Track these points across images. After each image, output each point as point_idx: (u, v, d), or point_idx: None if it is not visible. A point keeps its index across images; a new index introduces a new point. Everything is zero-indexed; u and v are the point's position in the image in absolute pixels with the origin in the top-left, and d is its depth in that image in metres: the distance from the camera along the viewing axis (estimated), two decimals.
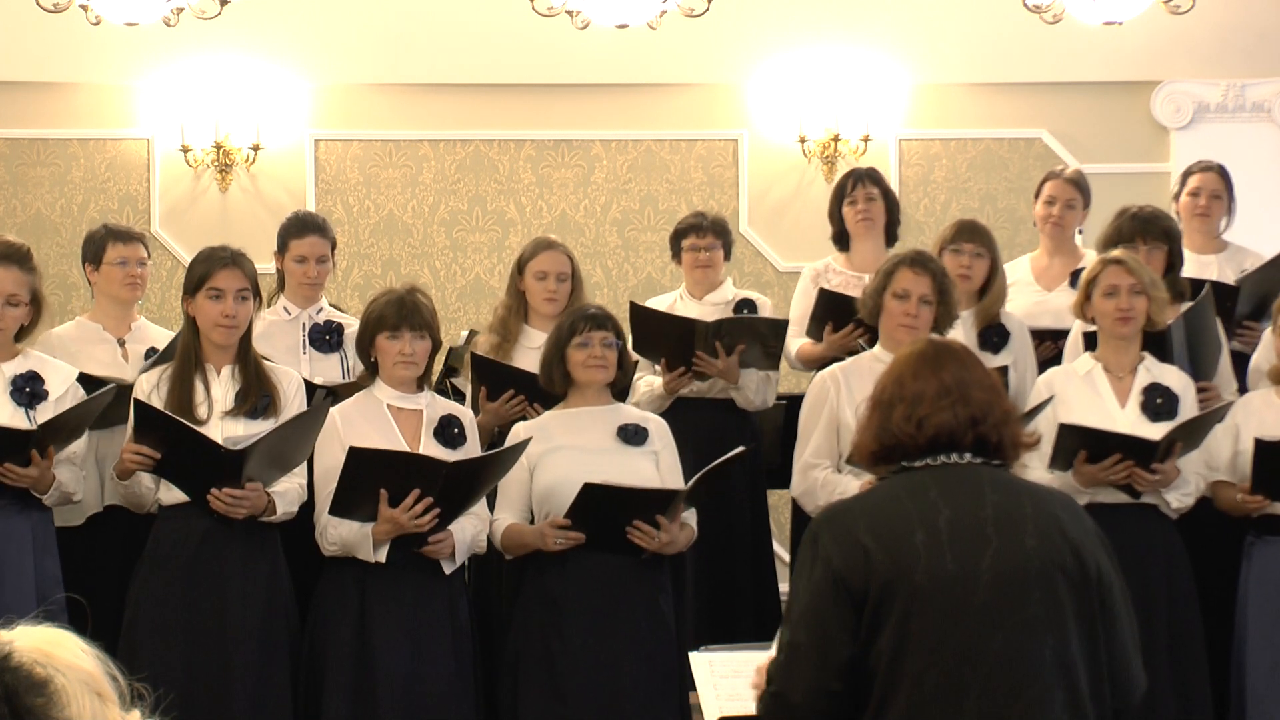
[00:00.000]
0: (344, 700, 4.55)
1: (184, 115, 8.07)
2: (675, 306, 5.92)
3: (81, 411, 4.64)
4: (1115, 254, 5.12)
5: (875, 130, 8.22)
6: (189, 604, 4.55)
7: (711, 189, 8.32)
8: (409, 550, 4.56)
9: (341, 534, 4.57)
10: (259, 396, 4.66)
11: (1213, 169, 6.19)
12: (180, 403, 4.60)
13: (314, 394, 4.93)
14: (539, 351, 5.14)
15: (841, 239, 6.04)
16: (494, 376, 5.23)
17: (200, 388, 4.65)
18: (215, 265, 4.70)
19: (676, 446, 4.88)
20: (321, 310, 5.48)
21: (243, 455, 4.44)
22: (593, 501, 4.54)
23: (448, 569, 4.63)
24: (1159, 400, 4.96)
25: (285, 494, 4.65)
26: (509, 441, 4.75)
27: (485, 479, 4.63)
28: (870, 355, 5.00)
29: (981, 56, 8.22)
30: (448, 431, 4.74)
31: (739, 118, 8.33)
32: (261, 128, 8.11)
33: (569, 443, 4.74)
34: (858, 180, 6.00)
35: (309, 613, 4.71)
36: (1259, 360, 5.44)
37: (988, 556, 2.77)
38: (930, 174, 8.42)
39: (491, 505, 4.81)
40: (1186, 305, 5.49)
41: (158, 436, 4.50)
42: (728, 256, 5.98)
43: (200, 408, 4.62)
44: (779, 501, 5.90)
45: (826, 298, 5.68)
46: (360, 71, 8.22)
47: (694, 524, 4.79)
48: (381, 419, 4.71)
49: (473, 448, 4.75)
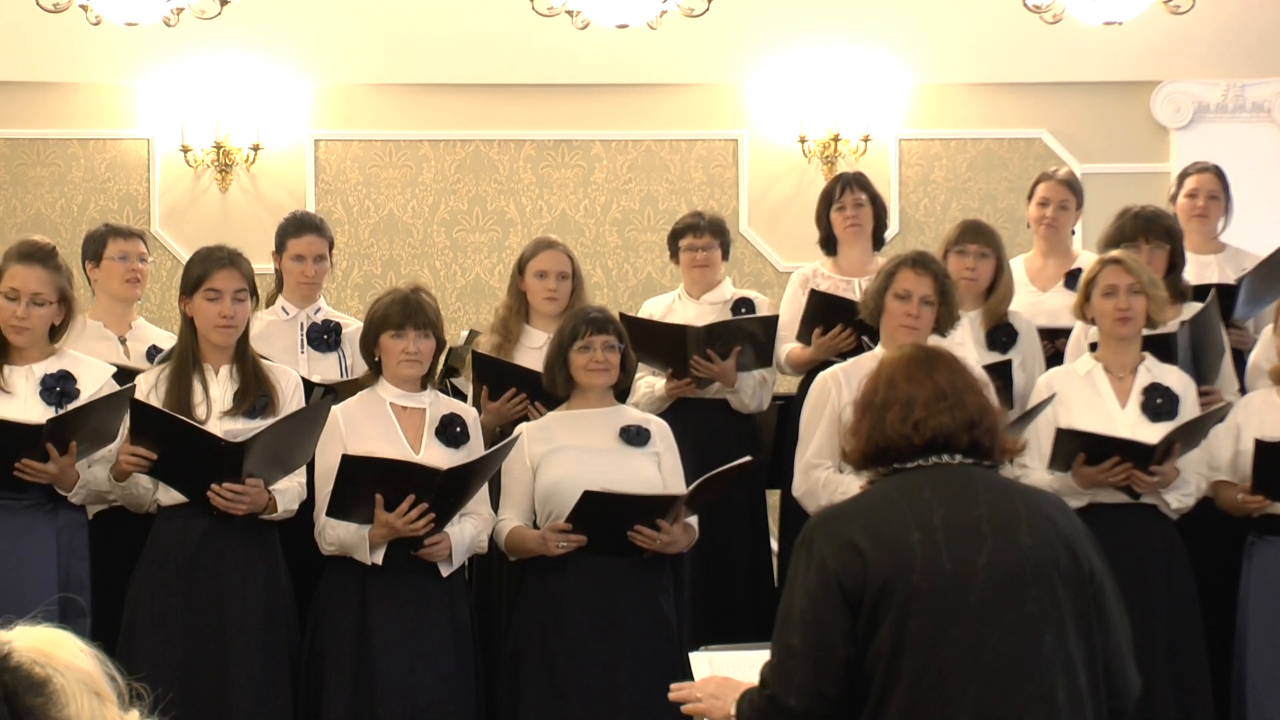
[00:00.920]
0: (344, 700, 4.55)
1: (184, 115, 8.07)
2: (674, 306, 5.93)
3: (102, 409, 4.61)
4: (1114, 254, 5.12)
5: (875, 130, 8.22)
6: (188, 604, 4.55)
7: (711, 189, 8.32)
8: (408, 551, 4.57)
9: (339, 535, 4.57)
10: (257, 396, 4.66)
11: (1209, 170, 6.19)
12: (178, 403, 4.60)
13: (313, 392, 4.92)
14: (540, 351, 5.15)
15: (829, 243, 6.03)
16: (496, 375, 5.24)
17: (198, 388, 4.65)
18: (212, 265, 4.69)
19: (678, 447, 4.88)
20: (320, 310, 5.48)
21: (242, 448, 4.44)
22: (592, 508, 4.55)
23: (445, 571, 4.63)
24: (1159, 400, 4.96)
25: (285, 492, 4.64)
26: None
27: (477, 480, 4.63)
28: (871, 356, 4.99)
29: (981, 56, 8.22)
30: (450, 430, 4.74)
31: (739, 118, 8.33)
32: (261, 128, 8.11)
33: (572, 443, 4.75)
34: (846, 186, 5.98)
35: (309, 612, 4.71)
36: (1258, 359, 5.44)
37: (984, 554, 2.77)
38: (930, 174, 8.42)
39: (495, 505, 4.81)
40: (1188, 306, 5.50)
41: (154, 437, 4.49)
42: (725, 256, 5.98)
43: (199, 408, 4.61)
44: (772, 501, 5.91)
45: (817, 299, 5.67)
46: (360, 71, 8.22)
47: (695, 523, 4.80)
48: (384, 418, 4.71)
49: (476, 447, 4.75)
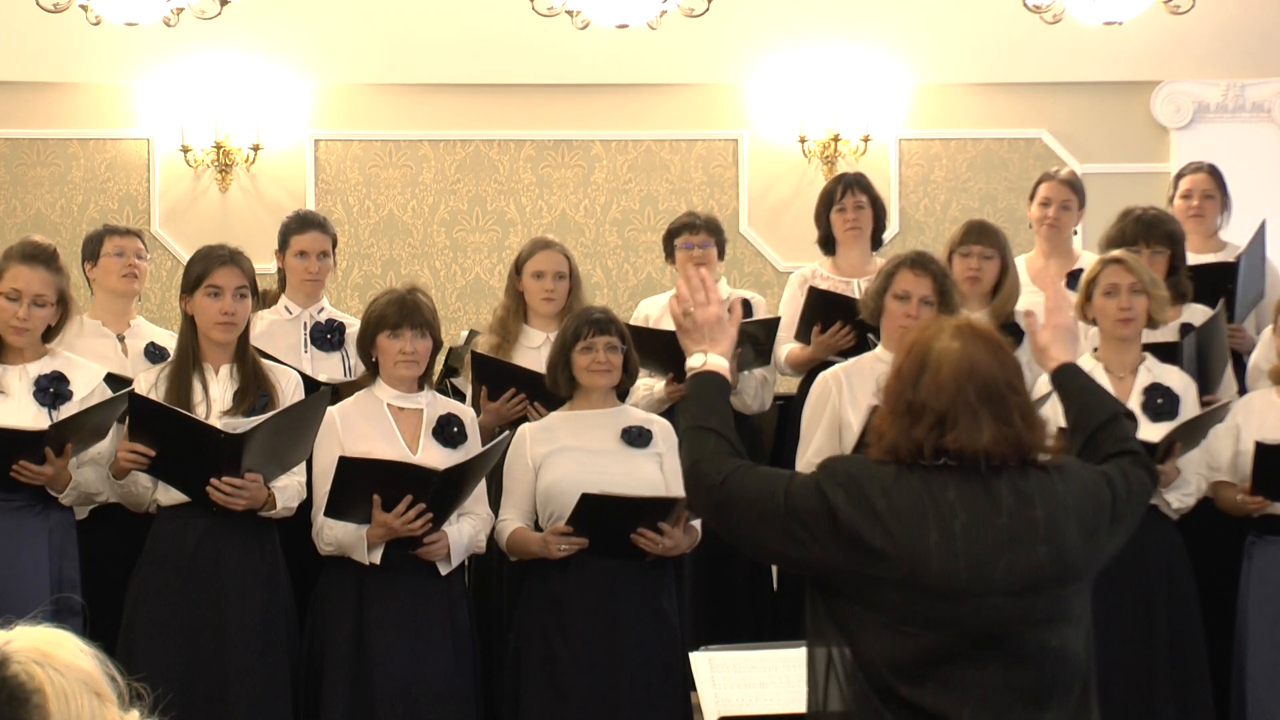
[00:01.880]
0: (343, 700, 4.55)
1: (184, 115, 8.07)
2: (673, 306, 5.91)
3: (100, 412, 4.63)
4: (1115, 254, 5.12)
5: (875, 130, 8.22)
6: (187, 604, 4.54)
7: (711, 189, 8.32)
8: (406, 550, 4.57)
9: (337, 534, 4.57)
10: (257, 395, 4.66)
11: (1203, 169, 6.19)
12: (178, 401, 4.60)
13: (315, 390, 4.92)
14: (539, 351, 5.14)
15: (828, 243, 6.03)
16: (495, 375, 5.23)
17: (198, 386, 4.65)
18: (214, 263, 4.69)
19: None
20: (323, 309, 5.48)
21: (242, 440, 4.43)
22: (592, 510, 4.55)
23: (443, 570, 4.63)
24: (1160, 400, 4.96)
25: (285, 490, 4.64)
26: (514, 441, 4.75)
27: (473, 479, 4.63)
28: (872, 356, 5.00)
29: (982, 56, 8.22)
30: (447, 431, 4.74)
31: (739, 118, 8.33)
32: (261, 128, 8.11)
33: (573, 444, 4.74)
34: (847, 188, 5.96)
35: (308, 612, 4.71)
36: (1258, 359, 5.44)
37: (1000, 567, 2.74)
38: (930, 174, 8.42)
39: (496, 506, 4.81)
40: (1188, 307, 5.51)
41: (153, 433, 4.49)
42: (721, 256, 5.97)
43: (198, 407, 4.61)
44: None
45: (816, 296, 5.67)
46: (360, 71, 8.22)
47: (698, 525, 4.79)
48: (381, 419, 4.71)
49: (473, 447, 4.74)
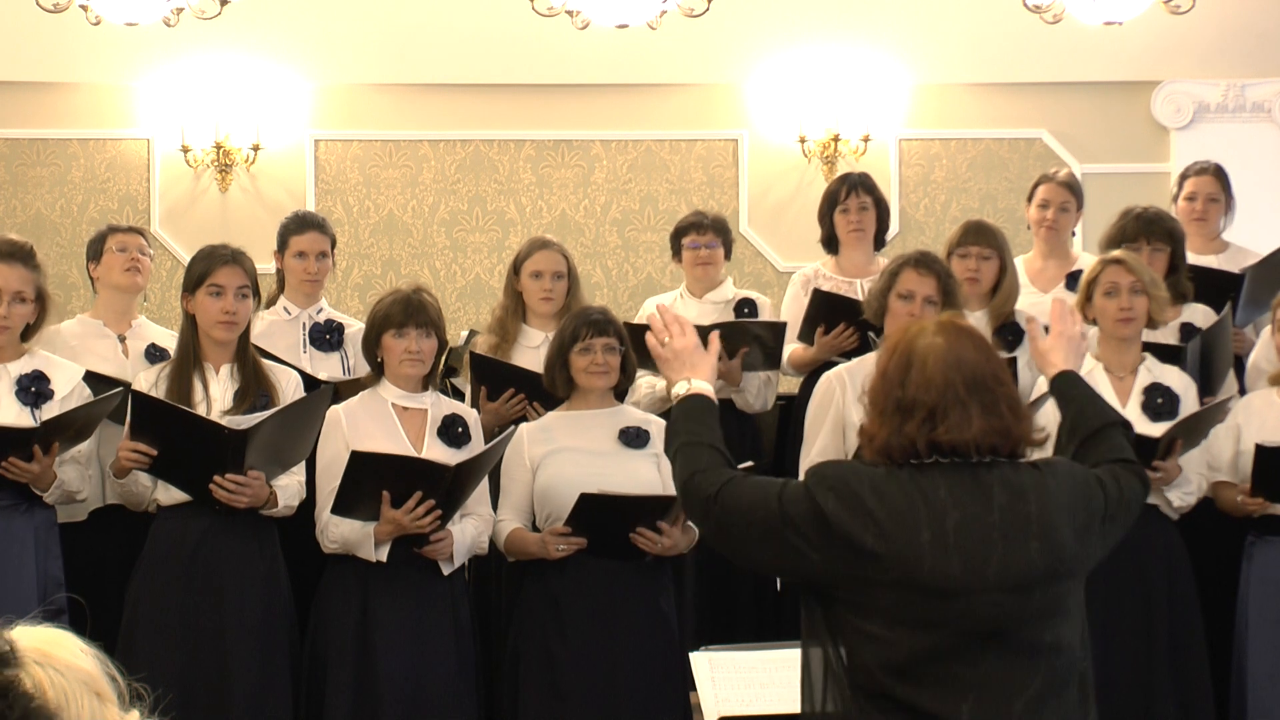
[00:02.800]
0: (345, 700, 4.55)
1: (184, 115, 8.07)
2: (675, 306, 5.92)
3: (89, 411, 4.64)
4: (1115, 254, 5.12)
5: (875, 130, 8.22)
6: (188, 603, 4.55)
7: (711, 189, 8.32)
8: (410, 550, 4.57)
9: (343, 532, 4.57)
10: (257, 395, 4.66)
11: (1208, 171, 6.18)
12: (179, 400, 4.61)
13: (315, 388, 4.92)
14: (538, 351, 5.14)
15: (831, 243, 6.03)
16: (494, 375, 5.23)
17: (199, 386, 4.66)
18: (216, 262, 4.70)
19: None
20: (322, 310, 5.49)
21: (246, 435, 4.44)
22: (590, 510, 4.55)
23: (446, 570, 4.63)
24: (1159, 400, 4.96)
25: (286, 488, 4.65)
26: (512, 441, 4.75)
27: (478, 476, 4.64)
28: (875, 356, 4.99)
29: (982, 56, 8.22)
30: (452, 431, 4.74)
31: (739, 118, 8.33)
32: (261, 128, 8.11)
33: (571, 444, 4.74)
34: (851, 189, 5.96)
35: (310, 612, 4.71)
36: (1257, 359, 5.44)
37: (993, 564, 2.74)
38: (930, 174, 8.42)
39: (495, 506, 4.81)
40: (1188, 307, 5.50)
41: (155, 432, 4.50)
42: (728, 256, 5.99)
43: (199, 406, 4.62)
44: None
45: (820, 298, 5.67)
46: (360, 71, 8.22)
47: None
48: (386, 418, 4.71)
49: (477, 447, 4.74)
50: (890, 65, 8.23)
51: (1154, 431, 4.85)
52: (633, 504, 4.59)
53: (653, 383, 5.64)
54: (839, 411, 4.85)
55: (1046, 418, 4.89)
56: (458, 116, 8.31)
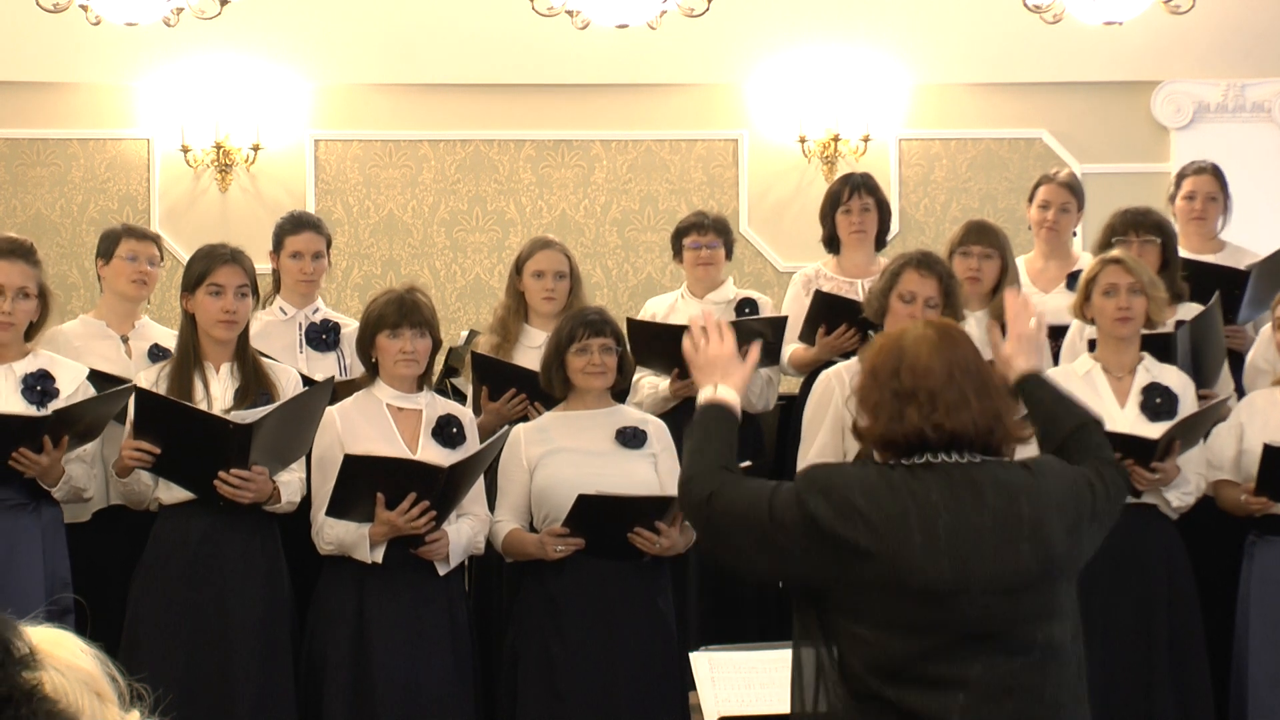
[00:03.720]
0: (344, 701, 4.55)
1: (184, 115, 8.07)
2: (676, 306, 5.93)
3: (99, 405, 4.63)
4: (1114, 254, 5.12)
5: (875, 130, 8.22)
6: (189, 604, 4.55)
7: (711, 189, 8.32)
8: (405, 551, 4.57)
9: (338, 533, 4.57)
10: (257, 394, 4.67)
11: (1206, 170, 6.17)
12: (180, 399, 4.60)
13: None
14: (539, 351, 5.14)
15: (832, 243, 6.03)
16: (495, 375, 5.23)
17: (199, 385, 4.66)
18: (216, 262, 4.70)
19: (676, 448, 4.87)
20: (318, 310, 5.48)
21: (251, 429, 4.44)
22: (588, 511, 4.55)
23: (442, 570, 4.63)
24: (1158, 400, 4.96)
25: (288, 484, 4.66)
26: (509, 442, 4.75)
27: (473, 476, 4.64)
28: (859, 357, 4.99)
29: (982, 56, 8.23)
30: (447, 431, 4.74)
31: (739, 118, 8.33)
32: (261, 128, 8.12)
33: (568, 445, 4.74)
34: (854, 190, 5.96)
35: (308, 613, 4.71)
36: (1255, 358, 5.44)
37: (985, 566, 2.75)
38: (930, 174, 8.42)
39: (492, 506, 4.81)
40: (1184, 305, 5.50)
41: (159, 430, 4.50)
42: (729, 256, 5.99)
43: (199, 404, 4.62)
44: None
45: (822, 299, 5.67)
46: (360, 71, 8.22)
47: None
48: (381, 419, 4.71)
49: (472, 448, 4.74)
50: (890, 65, 8.23)
51: (1153, 432, 4.85)
52: (630, 504, 4.59)
53: (654, 383, 5.65)
54: (838, 410, 4.85)
55: None
56: (458, 116, 8.31)
